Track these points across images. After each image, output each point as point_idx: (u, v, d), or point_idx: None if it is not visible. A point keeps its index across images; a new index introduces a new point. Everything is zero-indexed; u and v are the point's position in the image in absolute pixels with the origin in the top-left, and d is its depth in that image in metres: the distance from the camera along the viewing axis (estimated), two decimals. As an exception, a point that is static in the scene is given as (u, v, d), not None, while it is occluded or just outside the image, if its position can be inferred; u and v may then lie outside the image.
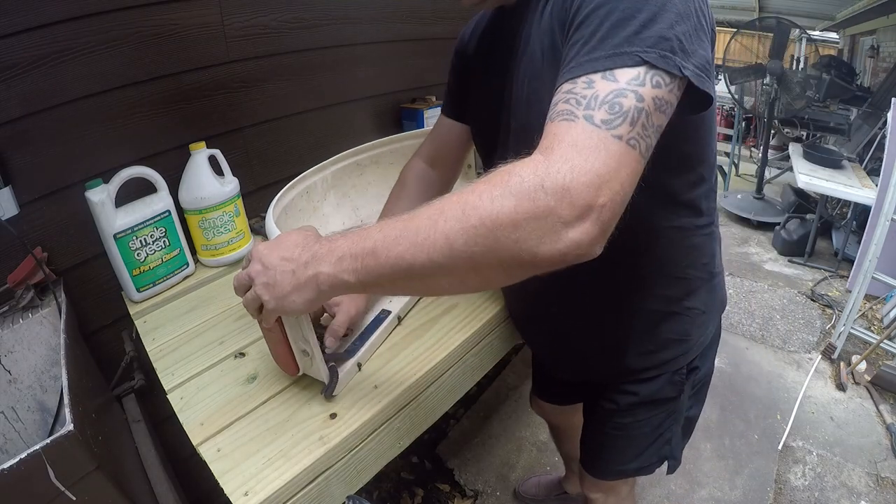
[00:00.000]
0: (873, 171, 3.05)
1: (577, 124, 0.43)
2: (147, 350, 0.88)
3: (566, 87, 0.47)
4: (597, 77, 0.45)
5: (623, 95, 0.44)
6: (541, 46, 0.59)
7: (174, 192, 1.04)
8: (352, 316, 0.79)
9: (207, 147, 1.07)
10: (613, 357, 0.80)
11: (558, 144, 0.43)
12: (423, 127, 1.52)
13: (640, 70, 0.45)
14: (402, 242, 0.46)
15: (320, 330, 0.78)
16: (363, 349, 0.78)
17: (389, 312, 0.85)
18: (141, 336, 0.92)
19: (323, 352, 0.73)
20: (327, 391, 0.71)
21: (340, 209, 1.14)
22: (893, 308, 2.31)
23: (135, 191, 0.99)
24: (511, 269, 0.45)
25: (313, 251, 0.54)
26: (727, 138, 4.86)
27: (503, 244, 0.42)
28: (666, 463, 0.91)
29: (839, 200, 3.18)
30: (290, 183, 1.01)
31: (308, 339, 0.67)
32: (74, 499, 0.55)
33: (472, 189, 0.45)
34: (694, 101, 0.50)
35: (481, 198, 0.43)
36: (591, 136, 0.42)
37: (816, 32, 6.60)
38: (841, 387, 2.02)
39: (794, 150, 3.39)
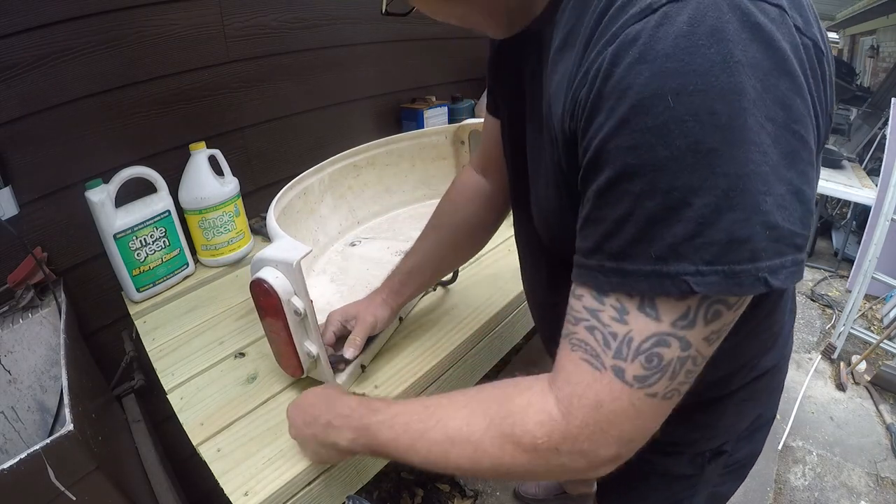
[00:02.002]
0: (873, 171, 3.04)
1: (604, 377, 0.35)
2: (147, 350, 0.88)
3: (589, 301, 0.36)
4: (632, 307, 0.33)
5: (664, 344, 0.33)
6: (540, 118, 0.45)
7: (174, 192, 1.04)
8: (369, 325, 0.76)
9: (207, 147, 1.07)
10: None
11: (579, 402, 0.36)
12: (422, 127, 1.52)
13: (692, 303, 0.32)
14: (412, 454, 0.47)
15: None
16: (366, 351, 0.78)
17: None
18: (141, 336, 0.92)
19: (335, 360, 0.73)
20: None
21: (337, 211, 1.14)
22: (893, 308, 2.31)
23: (135, 191, 0.99)
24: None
25: (328, 420, 0.56)
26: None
27: (513, 479, 0.44)
28: None
29: (839, 200, 3.18)
30: (289, 184, 1.01)
31: (314, 341, 0.67)
32: (74, 499, 0.55)
33: (481, 425, 0.41)
34: None
35: (492, 444, 0.40)
36: (620, 397, 0.35)
37: (816, 32, 6.58)
38: (841, 387, 2.02)
39: (794, 150, 3.38)
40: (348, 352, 0.73)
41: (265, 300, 0.64)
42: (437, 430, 0.44)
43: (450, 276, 0.96)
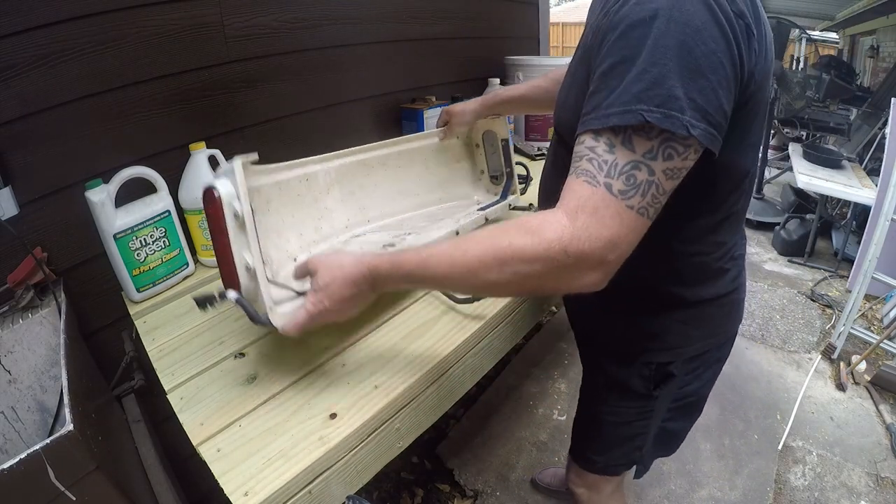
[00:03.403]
0: (873, 171, 3.05)
1: (599, 191, 0.51)
2: (147, 350, 0.88)
3: (589, 142, 0.53)
4: (618, 142, 0.51)
5: (637, 168, 0.51)
6: (584, 46, 0.65)
7: (174, 192, 1.04)
8: (457, 110, 1.17)
9: (207, 147, 1.07)
10: (588, 307, 0.86)
11: (581, 210, 0.51)
12: (422, 127, 1.52)
13: (655, 143, 0.50)
14: (447, 282, 0.61)
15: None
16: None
17: None
18: (141, 336, 0.92)
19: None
20: (256, 318, 0.68)
21: (346, 206, 1.13)
22: (893, 308, 2.31)
23: (135, 191, 0.99)
24: (529, 294, 0.61)
25: (371, 284, 0.64)
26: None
27: (529, 286, 0.57)
28: (634, 468, 0.97)
29: (839, 200, 3.18)
30: (289, 162, 0.98)
31: (252, 252, 0.68)
32: (74, 499, 0.55)
33: (505, 244, 0.54)
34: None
35: (514, 257, 0.53)
36: (609, 205, 0.51)
37: (816, 32, 6.61)
38: (841, 387, 2.02)
39: (794, 150, 3.39)
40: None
41: (211, 208, 0.67)
42: (465, 255, 0.56)
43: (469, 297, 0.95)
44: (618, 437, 0.91)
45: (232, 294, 0.68)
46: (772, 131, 4.13)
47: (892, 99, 2.48)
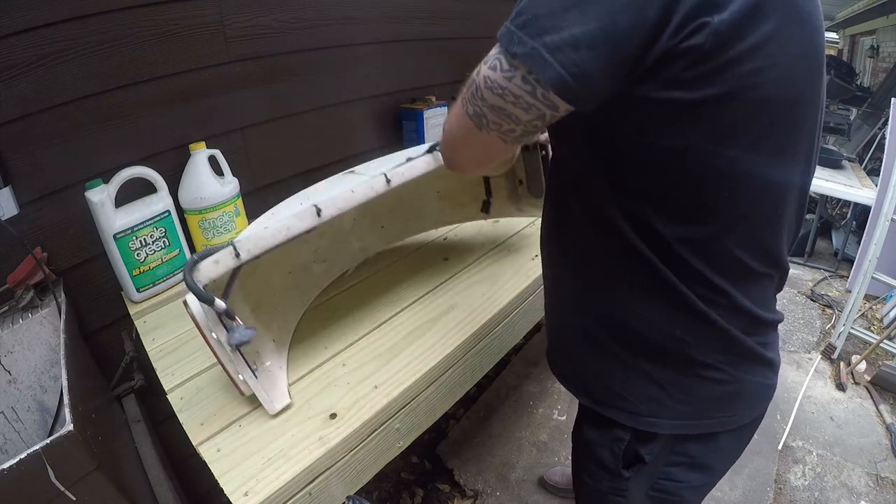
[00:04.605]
0: (873, 171, 3.05)
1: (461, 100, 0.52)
2: (147, 350, 0.88)
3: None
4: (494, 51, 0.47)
5: (478, 70, 0.48)
6: None
7: (174, 192, 1.04)
8: None
9: (207, 147, 1.07)
10: (557, 351, 0.74)
11: (460, 93, 0.52)
12: (422, 128, 1.52)
13: (495, 49, 0.46)
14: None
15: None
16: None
17: None
18: (141, 336, 0.92)
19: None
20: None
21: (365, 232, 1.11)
22: (893, 308, 2.31)
23: (135, 191, 0.99)
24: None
25: None
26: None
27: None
28: None
29: (839, 200, 3.18)
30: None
31: (237, 364, 0.67)
32: (74, 499, 0.55)
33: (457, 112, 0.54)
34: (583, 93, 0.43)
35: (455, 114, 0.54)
36: (461, 92, 0.51)
37: (816, 32, 6.57)
38: (841, 387, 2.02)
39: (794, 150, 3.38)
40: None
41: (193, 323, 0.64)
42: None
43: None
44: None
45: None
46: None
47: (892, 99, 2.48)
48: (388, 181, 0.75)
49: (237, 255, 0.63)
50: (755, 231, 0.53)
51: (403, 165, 0.79)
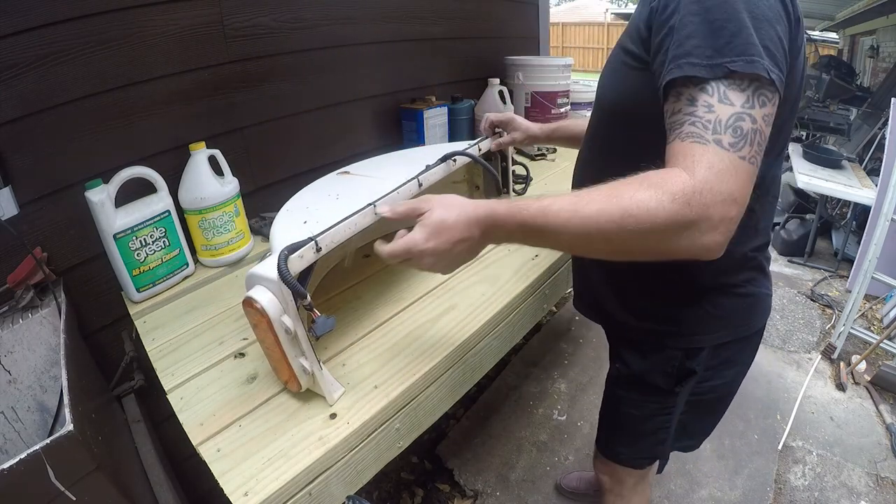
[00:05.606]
0: (873, 171, 3.05)
1: (710, 147, 0.52)
2: (147, 350, 0.88)
3: (686, 107, 0.55)
4: (714, 101, 0.53)
5: (741, 119, 0.52)
6: (627, 32, 0.68)
7: (174, 192, 1.04)
8: (517, 135, 1.11)
9: (207, 147, 1.07)
10: (608, 292, 0.86)
11: (698, 165, 0.51)
12: (422, 128, 1.52)
13: (749, 92, 0.52)
14: (562, 233, 0.57)
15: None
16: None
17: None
18: (141, 336, 0.92)
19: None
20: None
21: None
22: (893, 308, 2.31)
23: (135, 191, 0.99)
24: (644, 257, 0.56)
25: (483, 231, 0.61)
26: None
27: (648, 244, 0.54)
28: (657, 462, 0.98)
29: (839, 200, 3.18)
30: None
31: (308, 357, 0.67)
32: (74, 499, 0.55)
33: (627, 196, 0.53)
34: None
35: (638, 208, 0.52)
36: (723, 158, 0.51)
37: (816, 32, 6.61)
38: (841, 387, 2.02)
39: (794, 149, 3.39)
40: (383, 209, 0.70)
41: (256, 318, 0.64)
42: (588, 206, 0.55)
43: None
44: (641, 431, 0.92)
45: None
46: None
47: (892, 99, 2.48)
48: (420, 185, 0.86)
49: (318, 249, 0.66)
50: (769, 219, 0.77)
51: (430, 171, 0.89)
